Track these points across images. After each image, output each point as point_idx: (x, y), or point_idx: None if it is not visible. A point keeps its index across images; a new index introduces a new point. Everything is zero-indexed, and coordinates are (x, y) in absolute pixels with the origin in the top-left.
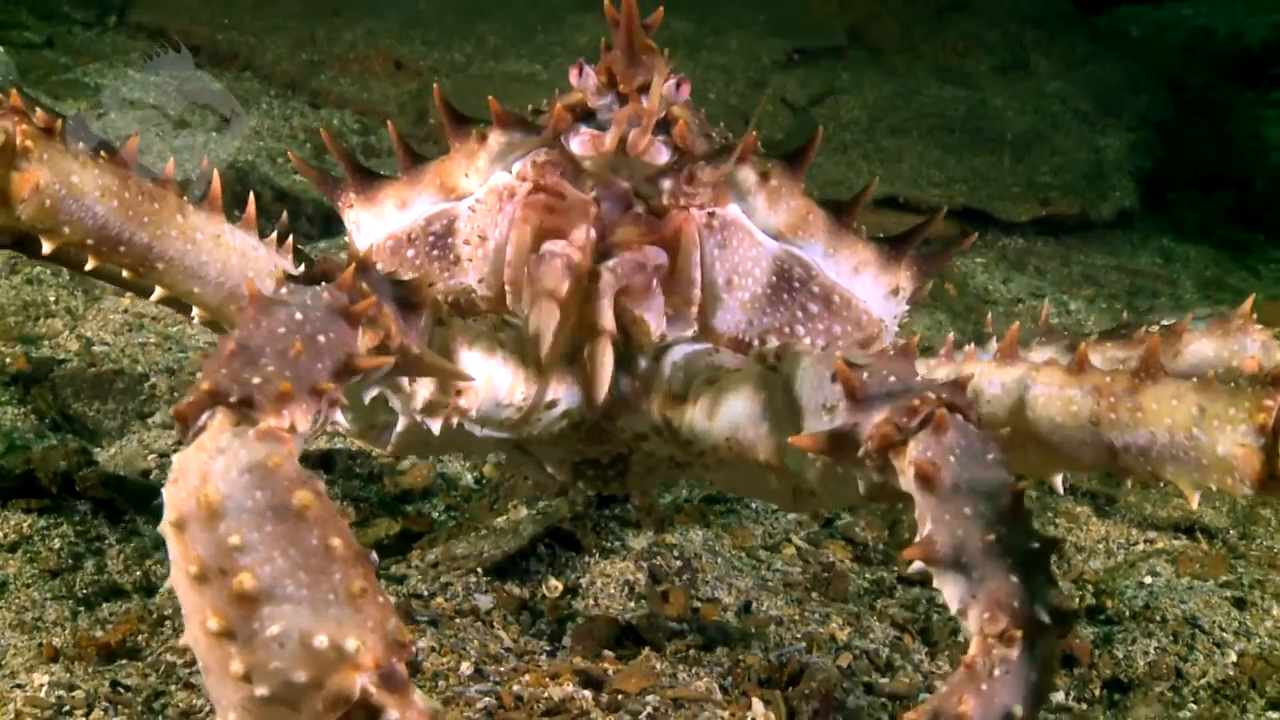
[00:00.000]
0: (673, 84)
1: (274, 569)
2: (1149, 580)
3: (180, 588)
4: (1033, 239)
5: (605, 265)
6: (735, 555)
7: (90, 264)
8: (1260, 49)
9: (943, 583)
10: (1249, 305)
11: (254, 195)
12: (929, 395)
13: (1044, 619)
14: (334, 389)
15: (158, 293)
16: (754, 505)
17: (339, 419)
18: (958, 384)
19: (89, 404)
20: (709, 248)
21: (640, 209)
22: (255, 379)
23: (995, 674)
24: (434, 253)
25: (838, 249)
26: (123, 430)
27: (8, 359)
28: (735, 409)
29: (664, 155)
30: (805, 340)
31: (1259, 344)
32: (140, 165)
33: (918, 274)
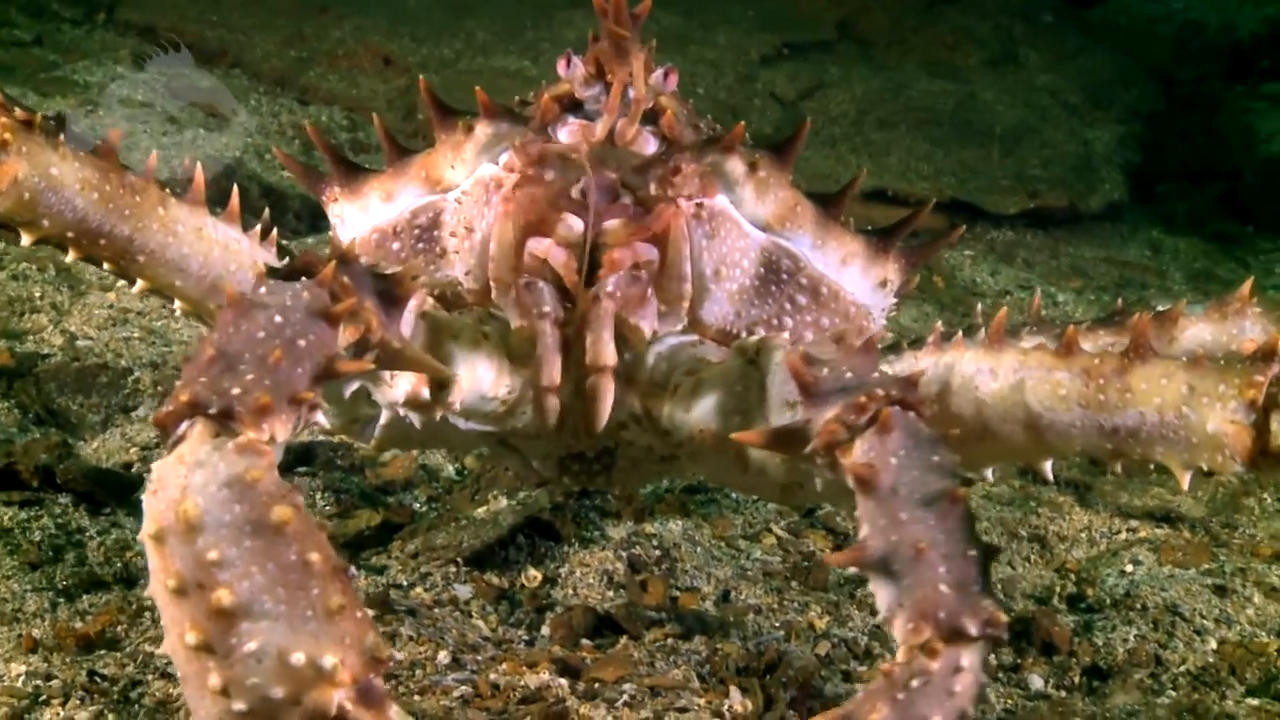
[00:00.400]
0: (660, 74)
1: (252, 584)
2: (1130, 569)
3: (159, 599)
4: (1021, 231)
5: (603, 290)
6: (715, 545)
7: (71, 255)
8: (1251, 42)
9: (875, 587)
10: (1247, 288)
11: (242, 191)
12: (877, 392)
13: (970, 631)
14: (314, 396)
15: (140, 284)
16: (734, 495)
17: (320, 419)
18: (909, 380)
19: (72, 398)
20: (697, 238)
21: (628, 199)
22: (234, 389)
23: (913, 685)
24: (419, 245)
25: (825, 241)
26: (106, 424)
27: None
28: (710, 401)
29: (652, 145)
30: (796, 332)
31: (1259, 328)
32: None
33: (905, 266)
